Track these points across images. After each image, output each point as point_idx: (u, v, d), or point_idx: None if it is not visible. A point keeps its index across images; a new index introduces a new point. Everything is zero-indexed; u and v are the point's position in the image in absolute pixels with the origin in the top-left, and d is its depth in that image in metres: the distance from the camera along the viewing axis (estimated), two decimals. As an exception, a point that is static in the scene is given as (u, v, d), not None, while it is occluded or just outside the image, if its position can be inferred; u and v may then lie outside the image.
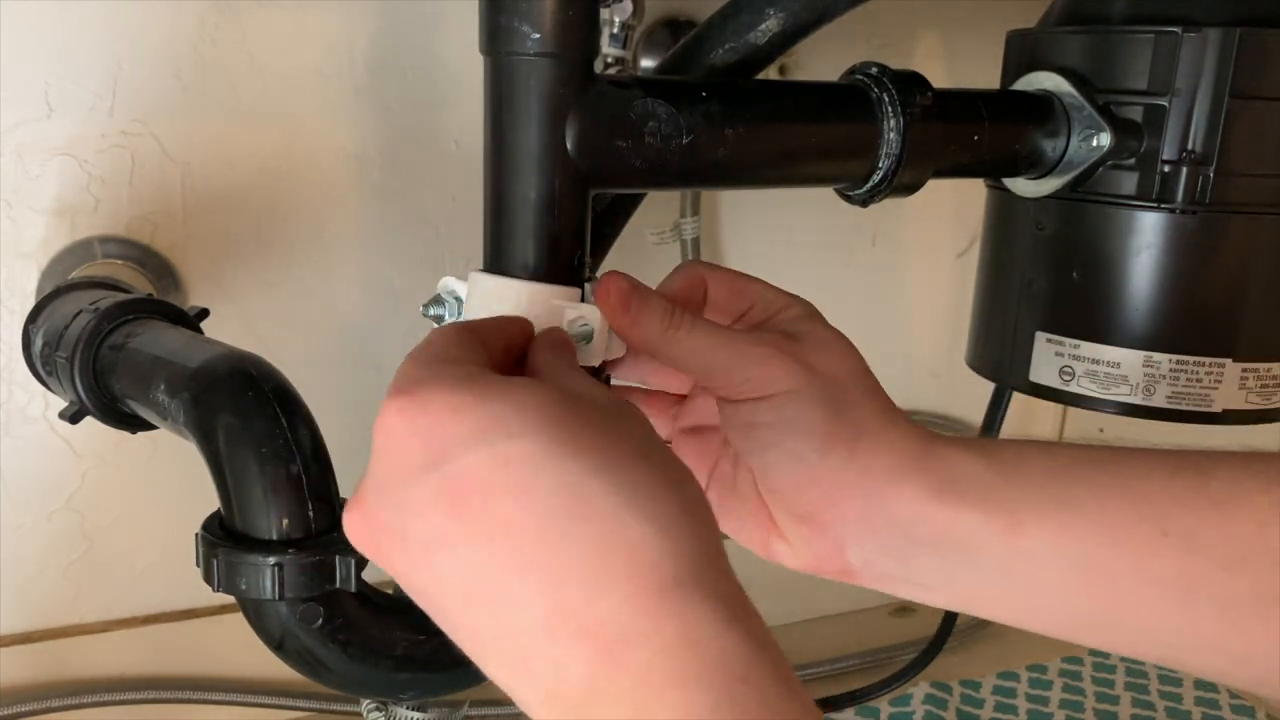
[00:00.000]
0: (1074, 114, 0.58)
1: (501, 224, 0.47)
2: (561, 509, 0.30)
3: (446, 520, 0.30)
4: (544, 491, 0.30)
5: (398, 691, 0.52)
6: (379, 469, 0.32)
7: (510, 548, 0.30)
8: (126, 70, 0.69)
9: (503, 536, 0.30)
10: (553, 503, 0.30)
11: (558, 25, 0.44)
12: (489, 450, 0.30)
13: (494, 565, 0.30)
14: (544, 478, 0.30)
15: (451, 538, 0.30)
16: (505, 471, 0.30)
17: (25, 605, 0.75)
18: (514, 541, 0.30)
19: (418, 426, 0.31)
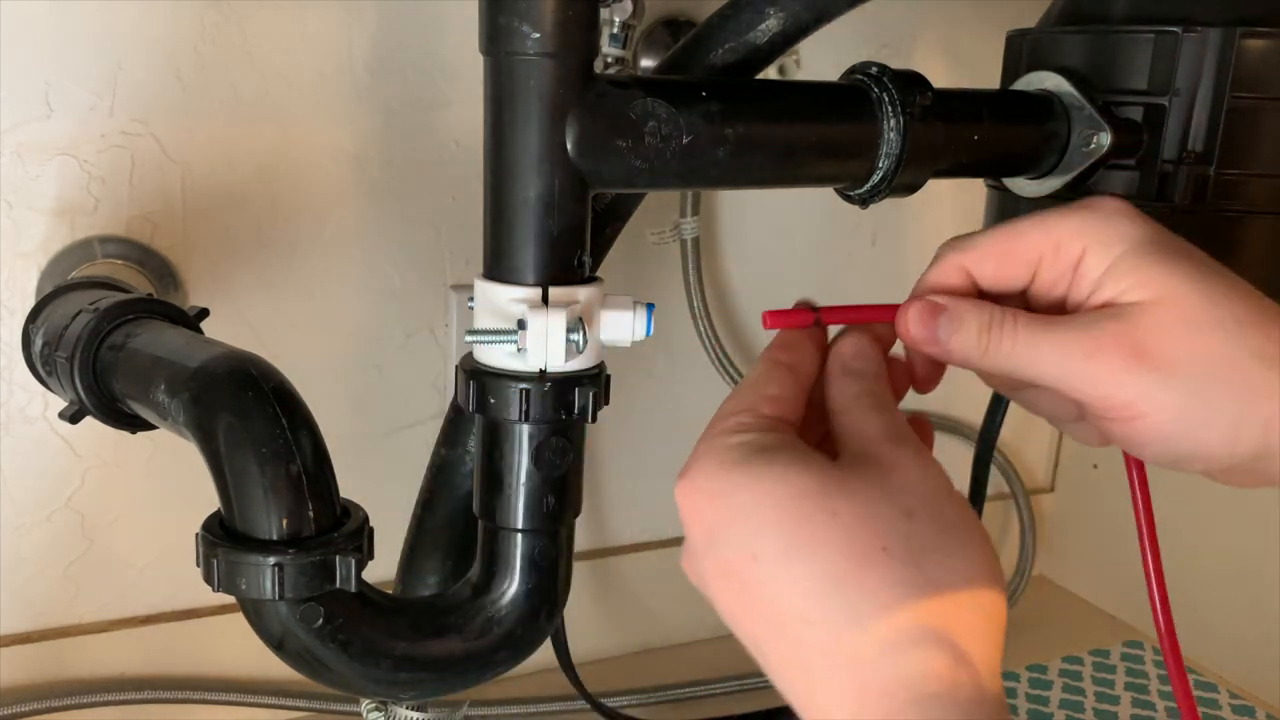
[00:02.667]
0: (1074, 114, 0.58)
1: (501, 224, 0.47)
2: (796, 613, 0.32)
3: (730, 597, 0.35)
4: (785, 594, 0.33)
5: (398, 691, 0.52)
6: (686, 530, 0.36)
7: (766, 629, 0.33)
8: (126, 70, 0.69)
9: (761, 619, 0.33)
10: (792, 603, 0.32)
11: (558, 25, 0.44)
12: (738, 545, 0.34)
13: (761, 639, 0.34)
14: (781, 582, 0.33)
15: (734, 608, 0.35)
16: (755, 567, 0.33)
17: (25, 605, 0.75)
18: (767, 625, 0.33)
19: (691, 507, 0.35)
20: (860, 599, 0.32)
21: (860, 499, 0.33)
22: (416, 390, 0.82)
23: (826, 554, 0.32)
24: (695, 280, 0.86)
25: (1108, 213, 0.38)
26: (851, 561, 0.32)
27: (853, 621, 0.31)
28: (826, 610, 0.32)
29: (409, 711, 0.63)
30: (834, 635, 0.32)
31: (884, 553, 0.32)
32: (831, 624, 0.32)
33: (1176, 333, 0.36)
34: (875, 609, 0.31)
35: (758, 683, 0.90)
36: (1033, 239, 0.39)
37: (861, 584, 0.32)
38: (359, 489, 0.50)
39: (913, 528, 0.33)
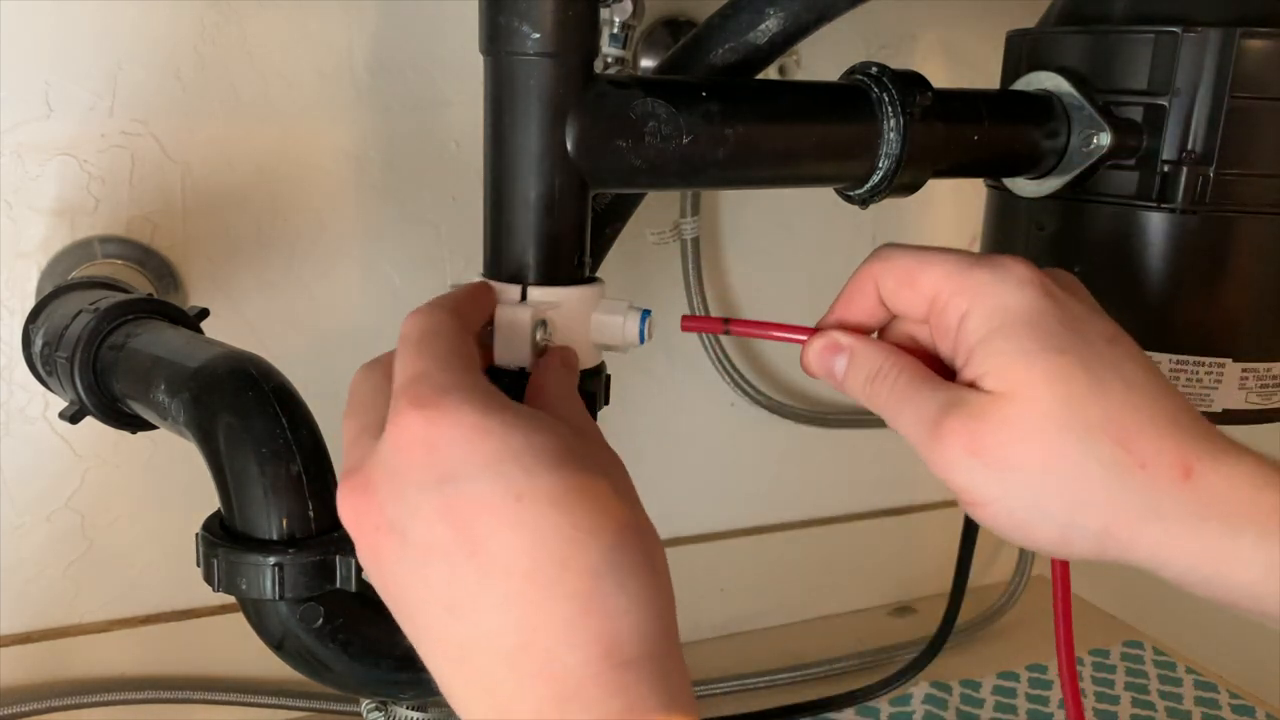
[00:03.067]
0: (1074, 114, 0.58)
1: (501, 224, 0.47)
2: (557, 557, 0.31)
3: (450, 534, 0.32)
4: (546, 537, 0.32)
5: (398, 691, 0.52)
6: (392, 464, 0.33)
7: (501, 577, 0.31)
8: (126, 70, 0.69)
9: (499, 566, 0.31)
10: (551, 549, 0.32)
11: (558, 25, 0.44)
12: (505, 482, 0.32)
13: (482, 588, 0.32)
14: (547, 524, 0.32)
15: (451, 552, 0.32)
16: (516, 506, 0.32)
17: (25, 605, 0.75)
18: (506, 573, 0.31)
19: (441, 439, 0.33)
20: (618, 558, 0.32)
21: (608, 474, 0.34)
22: (416, 390, 0.82)
23: (596, 512, 0.32)
24: (695, 280, 0.86)
25: (1002, 278, 0.38)
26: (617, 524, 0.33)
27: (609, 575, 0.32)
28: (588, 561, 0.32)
29: (409, 711, 0.63)
30: (589, 584, 0.31)
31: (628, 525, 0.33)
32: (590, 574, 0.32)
33: (1019, 433, 0.36)
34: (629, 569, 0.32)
35: (758, 683, 0.90)
36: (932, 277, 0.39)
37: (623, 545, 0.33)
38: (359, 489, 0.50)
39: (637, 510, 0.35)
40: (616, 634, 0.31)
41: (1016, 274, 0.38)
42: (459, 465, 0.32)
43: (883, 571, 1.05)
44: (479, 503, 0.32)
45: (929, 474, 0.38)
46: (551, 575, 0.31)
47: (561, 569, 0.31)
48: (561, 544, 0.31)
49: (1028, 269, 0.38)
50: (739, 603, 0.98)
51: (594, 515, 0.32)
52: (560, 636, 0.31)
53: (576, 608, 0.31)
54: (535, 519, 0.31)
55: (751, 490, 0.97)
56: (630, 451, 0.40)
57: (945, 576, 0.89)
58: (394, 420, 0.33)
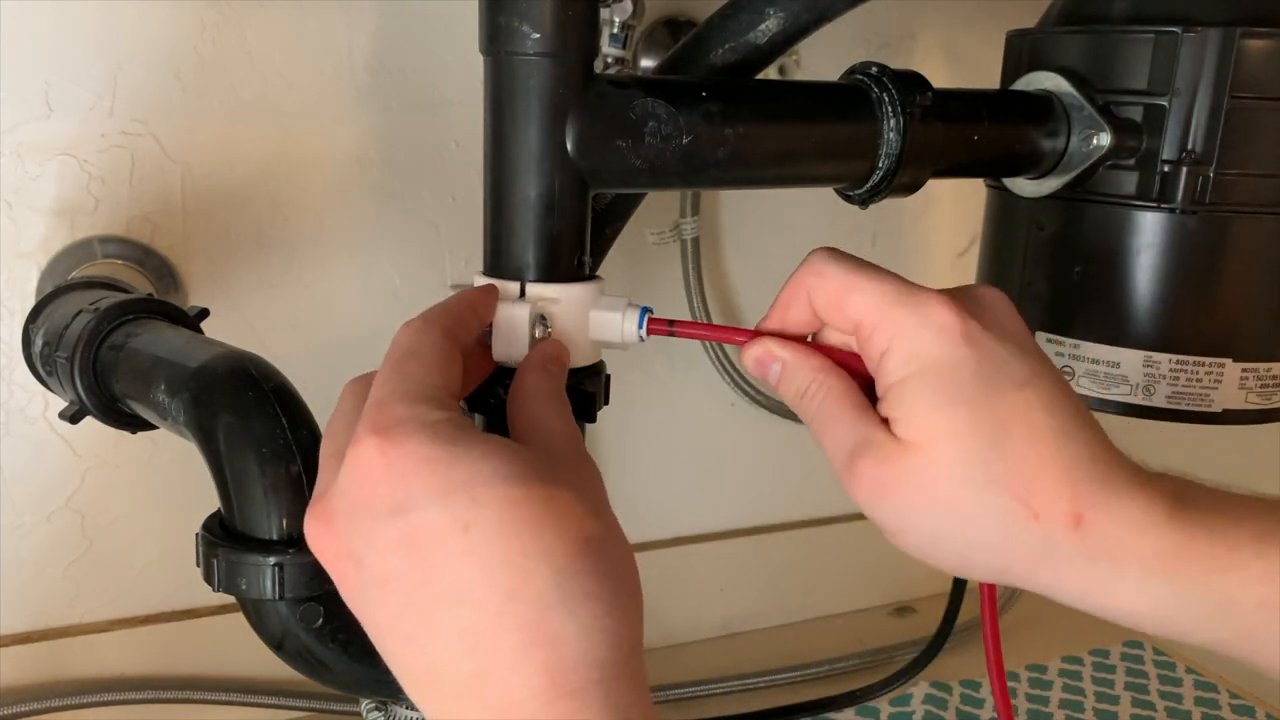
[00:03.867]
0: (1074, 114, 0.58)
1: (501, 224, 0.47)
2: (505, 588, 0.32)
3: (404, 564, 0.33)
4: (494, 565, 0.32)
5: (397, 691, 0.52)
6: (350, 495, 0.34)
7: (453, 607, 0.32)
8: (126, 70, 0.69)
9: (451, 595, 0.32)
10: (497, 578, 0.32)
11: (558, 25, 0.44)
12: (452, 513, 0.32)
13: (436, 618, 0.32)
14: (495, 552, 0.32)
15: (406, 581, 0.33)
16: (464, 536, 0.32)
17: (25, 605, 0.75)
18: (457, 602, 0.32)
19: (392, 470, 0.33)
20: (569, 585, 0.33)
21: (569, 489, 0.35)
22: (416, 390, 0.82)
23: (546, 535, 0.33)
24: (695, 280, 0.86)
25: (924, 320, 0.38)
26: (571, 547, 0.33)
27: (558, 604, 0.32)
28: (535, 588, 0.32)
29: (409, 711, 0.62)
30: (536, 613, 0.32)
31: (587, 544, 0.34)
32: (537, 602, 0.32)
33: (921, 483, 0.38)
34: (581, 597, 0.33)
35: (758, 683, 0.90)
36: (858, 305, 0.40)
37: (575, 571, 0.33)
38: (359, 489, 0.50)
39: (600, 523, 0.35)
40: (562, 663, 0.32)
41: (937, 319, 0.38)
42: (410, 496, 0.33)
43: (883, 571, 1.05)
44: (429, 533, 0.32)
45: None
46: (499, 605, 0.32)
47: (509, 599, 0.32)
48: (509, 573, 0.32)
49: (949, 312, 0.38)
50: (739, 603, 0.98)
51: (544, 539, 0.33)
52: (509, 666, 0.32)
53: (524, 638, 0.32)
54: (484, 547, 0.32)
55: (751, 490, 0.97)
56: (630, 451, 0.40)
57: (945, 576, 0.89)
58: (351, 449, 0.34)
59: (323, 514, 0.35)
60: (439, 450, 0.33)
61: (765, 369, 0.43)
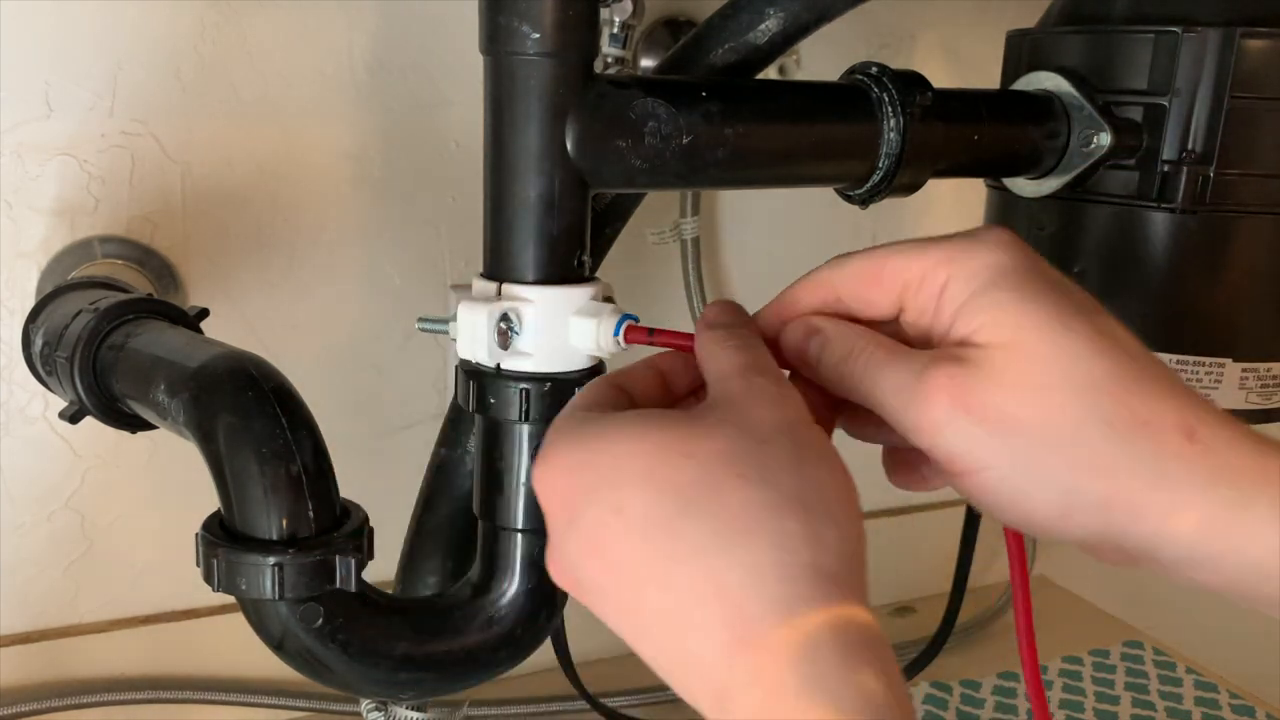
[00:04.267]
0: (1074, 114, 0.58)
1: (501, 224, 0.47)
2: (666, 550, 0.31)
3: (597, 570, 0.33)
4: (650, 535, 0.31)
5: (398, 691, 0.52)
6: (549, 523, 0.35)
7: (641, 589, 0.32)
8: (126, 70, 0.69)
9: (634, 580, 0.32)
10: (658, 546, 0.31)
11: (558, 25, 0.44)
12: (600, 506, 0.32)
13: (639, 608, 0.32)
14: (648, 523, 0.31)
15: (604, 585, 0.33)
16: (619, 520, 0.32)
17: (25, 605, 0.75)
18: (644, 583, 0.31)
19: (551, 489, 0.34)
20: (719, 524, 0.31)
21: (716, 436, 0.32)
22: (416, 390, 0.82)
23: (686, 491, 0.31)
24: (695, 280, 0.86)
25: (979, 241, 0.35)
26: (707, 489, 0.31)
27: (718, 548, 0.30)
28: (690, 541, 0.31)
29: (409, 711, 0.63)
30: (703, 566, 0.30)
31: (740, 479, 0.31)
32: (697, 554, 0.30)
33: (1016, 387, 0.33)
34: (736, 533, 0.30)
35: (758, 683, 0.90)
36: (896, 265, 0.36)
37: (718, 510, 0.31)
38: (359, 489, 0.50)
39: (766, 451, 0.32)
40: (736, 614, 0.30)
41: (995, 236, 0.35)
42: (571, 506, 0.33)
43: (883, 571, 1.04)
44: (595, 531, 0.32)
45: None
46: (666, 573, 0.31)
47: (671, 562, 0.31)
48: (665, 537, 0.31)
49: (1005, 231, 0.36)
50: (739, 603, 0.98)
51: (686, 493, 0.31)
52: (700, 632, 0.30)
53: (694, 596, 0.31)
54: (639, 522, 0.32)
55: (751, 490, 0.97)
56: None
57: (945, 576, 0.89)
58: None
59: (547, 555, 0.36)
60: (575, 454, 0.34)
61: (806, 344, 0.39)
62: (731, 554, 0.30)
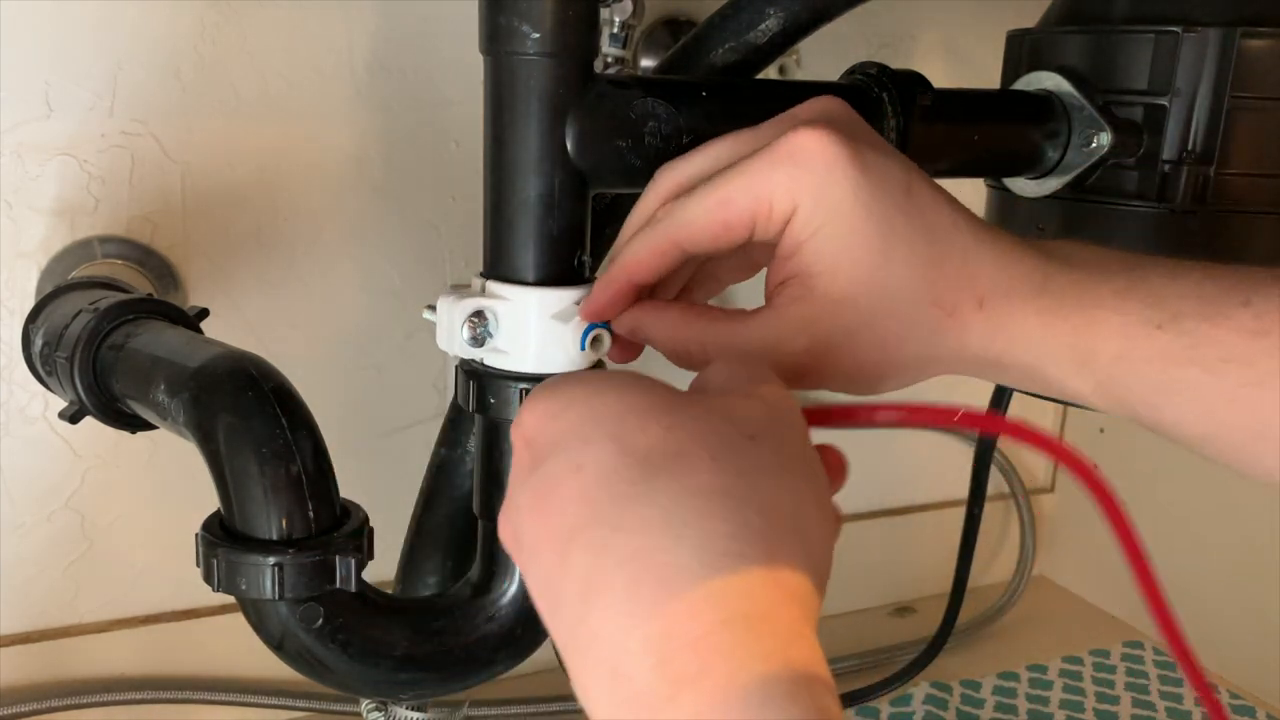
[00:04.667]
0: (1074, 114, 0.58)
1: (501, 224, 0.47)
2: (611, 520, 0.30)
3: (533, 521, 0.32)
4: (601, 500, 0.30)
5: (398, 691, 0.52)
6: (511, 475, 0.35)
7: (562, 551, 0.30)
8: (126, 70, 0.69)
9: (563, 540, 0.30)
10: (604, 512, 0.30)
11: (558, 25, 0.44)
12: (565, 457, 0.32)
13: (554, 567, 0.30)
14: (602, 486, 0.30)
15: (537, 539, 0.31)
16: (576, 477, 0.31)
17: (25, 605, 0.75)
18: (569, 547, 0.30)
19: (520, 436, 0.34)
20: (677, 503, 0.29)
21: (702, 417, 0.32)
22: (416, 390, 0.82)
23: (652, 459, 0.30)
24: (695, 280, 0.86)
25: (808, 156, 0.39)
26: (676, 463, 0.30)
27: (666, 526, 0.29)
28: (639, 513, 0.29)
29: (409, 711, 0.63)
30: (645, 541, 0.29)
31: (713, 462, 0.30)
32: (643, 527, 0.29)
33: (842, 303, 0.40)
34: (691, 515, 0.29)
35: (758, 683, 0.90)
36: (743, 205, 0.40)
37: (679, 488, 0.29)
38: (359, 489, 0.50)
39: (751, 448, 0.31)
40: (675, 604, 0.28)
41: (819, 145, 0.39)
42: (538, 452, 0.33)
43: (883, 571, 1.05)
44: (549, 481, 0.31)
45: (929, 474, 0.39)
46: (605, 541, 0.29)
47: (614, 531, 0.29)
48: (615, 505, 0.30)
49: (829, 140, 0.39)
50: (739, 603, 0.98)
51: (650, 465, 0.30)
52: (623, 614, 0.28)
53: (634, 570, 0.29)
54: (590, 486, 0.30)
55: (751, 490, 0.97)
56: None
57: (945, 576, 0.89)
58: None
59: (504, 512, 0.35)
60: (554, 402, 0.33)
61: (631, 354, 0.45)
62: (681, 535, 0.28)
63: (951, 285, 0.40)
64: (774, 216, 0.40)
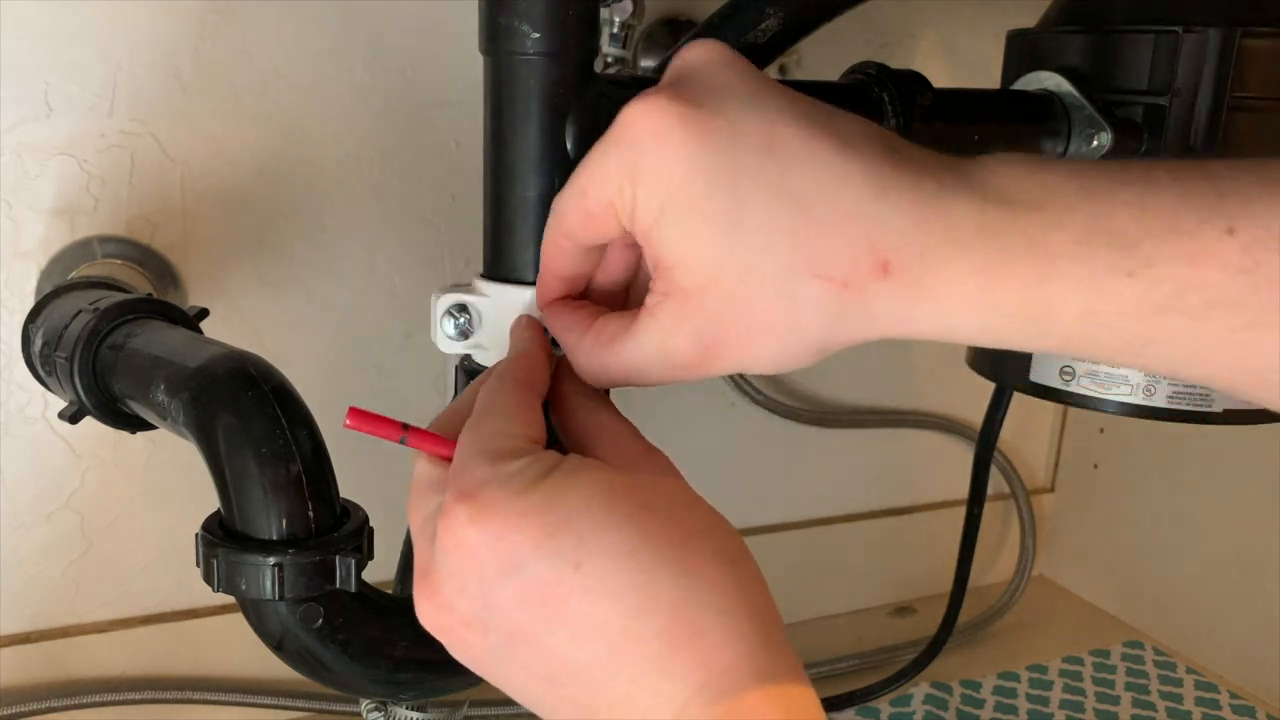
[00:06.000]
0: (1074, 114, 0.58)
1: (501, 224, 0.47)
2: (633, 605, 0.31)
3: (528, 617, 0.32)
4: (615, 591, 0.31)
5: (398, 691, 0.52)
6: (454, 567, 0.34)
7: (590, 639, 0.32)
8: (126, 70, 0.69)
9: (582, 630, 0.32)
10: (623, 601, 0.31)
11: (557, 25, 0.44)
12: (560, 558, 0.32)
13: (575, 654, 0.32)
14: (612, 579, 0.32)
15: (536, 631, 0.32)
16: (578, 575, 0.32)
17: (25, 605, 0.75)
18: (591, 634, 0.32)
19: (488, 534, 0.33)
20: (693, 580, 0.32)
21: (657, 489, 0.34)
22: (416, 390, 0.82)
23: (655, 543, 0.32)
24: (695, 280, 0.86)
25: (643, 142, 0.35)
26: (682, 545, 0.32)
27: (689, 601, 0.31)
28: (664, 596, 0.31)
29: (409, 711, 0.62)
30: (669, 618, 0.31)
31: (695, 534, 0.33)
32: (669, 608, 0.31)
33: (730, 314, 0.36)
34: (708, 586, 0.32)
35: (758, 683, 0.90)
36: (595, 194, 0.37)
37: (694, 565, 0.32)
38: (359, 489, 0.50)
39: (697, 508, 0.34)
40: (712, 657, 0.31)
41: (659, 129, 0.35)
42: (514, 553, 0.32)
43: (883, 571, 1.05)
44: (543, 583, 0.32)
45: (929, 474, 0.39)
46: (631, 625, 0.31)
47: (640, 614, 0.31)
48: (634, 593, 0.31)
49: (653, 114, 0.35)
50: (739, 603, 0.98)
51: (655, 548, 0.32)
52: (661, 674, 0.31)
53: (666, 644, 0.31)
54: (600, 579, 0.32)
55: (751, 490, 0.97)
56: (630, 452, 0.39)
57: (945, 576, 0.89)
58: (441, 521, 0.34)
59: (431, 590, 0.35)
60: (528, 501, 0.33)
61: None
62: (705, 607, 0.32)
63: (839, 253, 0.34)
64: (623, 204, 0.36)
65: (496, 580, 0.32)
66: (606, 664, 0.32)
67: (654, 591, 0.31)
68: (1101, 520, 1.07)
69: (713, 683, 0.31)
